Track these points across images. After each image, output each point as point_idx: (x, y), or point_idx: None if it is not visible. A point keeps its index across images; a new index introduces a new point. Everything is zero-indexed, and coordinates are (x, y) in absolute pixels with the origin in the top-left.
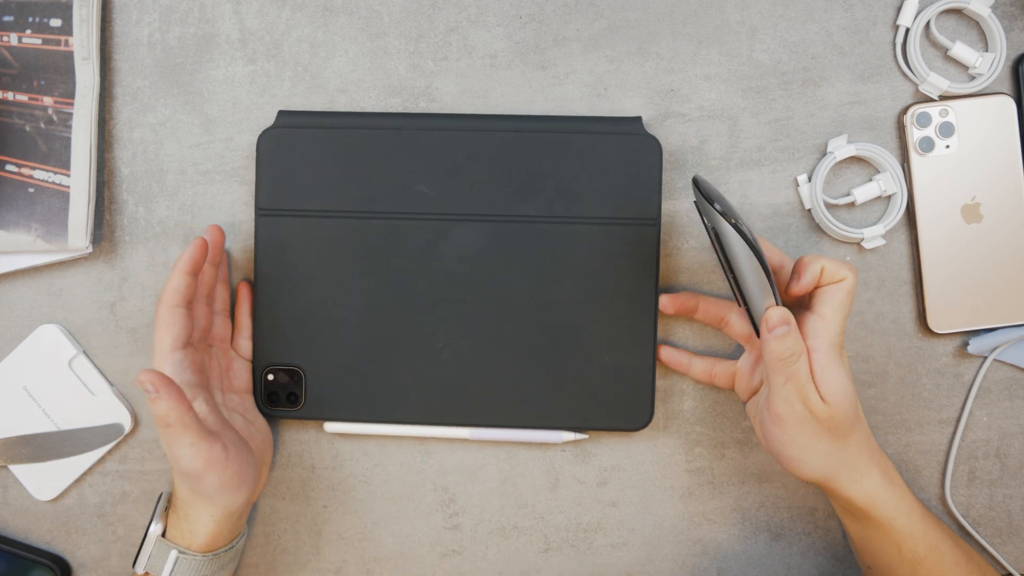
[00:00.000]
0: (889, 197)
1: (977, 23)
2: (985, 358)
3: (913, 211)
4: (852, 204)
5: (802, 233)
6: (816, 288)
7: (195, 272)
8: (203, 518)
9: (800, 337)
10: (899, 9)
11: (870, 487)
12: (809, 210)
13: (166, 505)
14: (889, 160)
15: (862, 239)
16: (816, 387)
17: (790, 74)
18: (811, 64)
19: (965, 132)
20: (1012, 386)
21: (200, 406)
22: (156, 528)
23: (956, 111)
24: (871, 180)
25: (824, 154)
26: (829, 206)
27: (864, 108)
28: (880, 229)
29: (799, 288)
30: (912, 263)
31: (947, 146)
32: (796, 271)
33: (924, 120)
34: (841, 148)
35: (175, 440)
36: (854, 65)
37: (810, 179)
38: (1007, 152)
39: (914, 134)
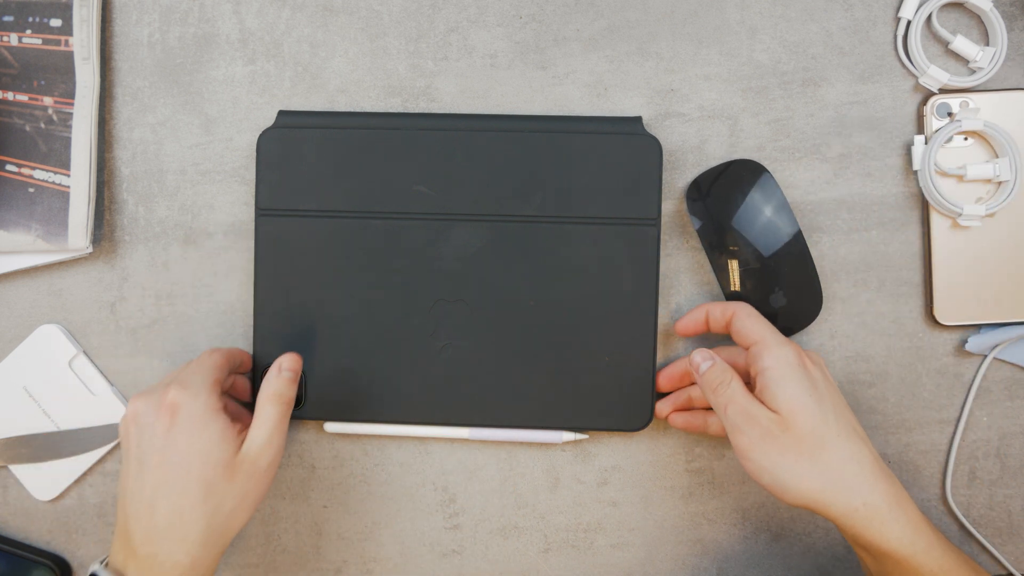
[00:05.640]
0: (999, 184)
1: (979, 17)
2: (985, 357)
3: (927, 200)
4: (961, 178)
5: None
6: (731, 332)
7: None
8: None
9: (726, 365)
10: (899, 5)
11: (874, 515)
12: (915, 172)
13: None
14: (1012, 147)
15: (960, 214)
16: (762, 401)
17: (790, 74)
18: (811, 64)
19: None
20: (1012, 386)
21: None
22: None
23: (976, 104)
24: (987, 162)
25: (950, 120)
26: (938, 173)
27: (864, 108)
28: (981, 210)
29: (682, 330)
30: (923, 253)
31: (965, 138)
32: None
33: (944, 111)
34: (969, 120)
35: (285, 419)
36: (854, 65)
37: (927, 141)
38: None
39: (933, 124)
